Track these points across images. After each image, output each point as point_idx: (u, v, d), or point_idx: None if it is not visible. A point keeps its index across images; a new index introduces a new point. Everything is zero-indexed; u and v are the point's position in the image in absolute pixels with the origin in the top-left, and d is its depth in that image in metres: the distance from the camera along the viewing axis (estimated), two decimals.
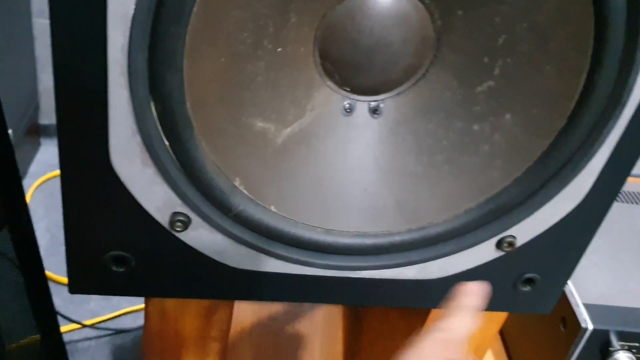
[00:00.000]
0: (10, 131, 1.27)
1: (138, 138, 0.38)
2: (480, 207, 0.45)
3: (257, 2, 0.36)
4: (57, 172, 1.32)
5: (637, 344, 0.58)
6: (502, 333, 0.74)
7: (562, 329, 0.60)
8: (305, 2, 0.39)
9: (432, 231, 0.46)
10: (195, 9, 0.34)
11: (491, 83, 0.42)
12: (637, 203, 0.77)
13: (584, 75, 0.39)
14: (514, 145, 0.43)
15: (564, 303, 0.60)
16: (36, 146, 1.57)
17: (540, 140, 0.42)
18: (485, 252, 0.48)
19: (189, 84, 0.37)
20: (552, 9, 0.38)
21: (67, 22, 0.34)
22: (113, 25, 0.34)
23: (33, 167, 1.51)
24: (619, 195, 0.78)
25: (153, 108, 0.37)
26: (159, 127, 0.38)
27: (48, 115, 1.33)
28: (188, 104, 0.37)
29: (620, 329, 0.58)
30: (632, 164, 0.45)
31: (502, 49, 0.40)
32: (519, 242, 0.47)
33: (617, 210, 0.74)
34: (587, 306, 0.59)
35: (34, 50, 1.38)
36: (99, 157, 0.39)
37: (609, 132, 0.42)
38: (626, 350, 0.58)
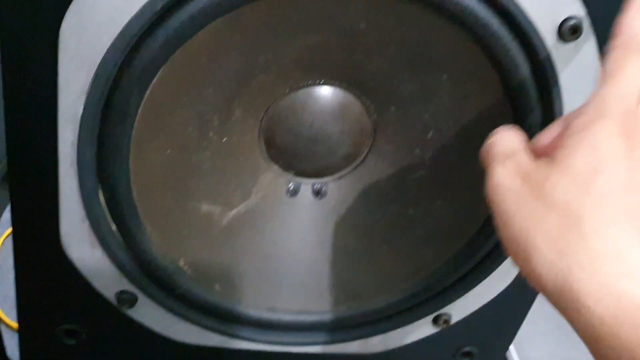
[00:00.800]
0: None
1: (87, 223, 0.41)
2: (415, 286, 0.47)
3: (201, 101, 0.39)
4: None
5: None
6: None
7: None
8: (249, 99, 0.42)
9: (372, 308, 0.48)
10: (140, 110, 0.37)
11: (422, 172, 0.45)
12: None
13: None
14: (444, 229, 0.46)
15: None
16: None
17: (469, 226, 0.45)
18: (423, 327, 0.50)
19: (134, 173, 0.39)
20: (474, 109, 0.41)
21: (20, 119, 0.37)
22: (63, 124, 0.37)
23: (5, 215, 1.52)
24: None
25: (101, 195, 0.40)
26: (107, 213, 0.40)
27: None
28: (134, 192, 0.40)
29: None
30: None
31: (431, 143, 0.44)
32: (455, 319, 0.50)
33: None
34: None
35: None
36: (50, 239, 0.41)
37: None
38: None
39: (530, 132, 0.40)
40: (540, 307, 0.57)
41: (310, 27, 0.38)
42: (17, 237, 0.42)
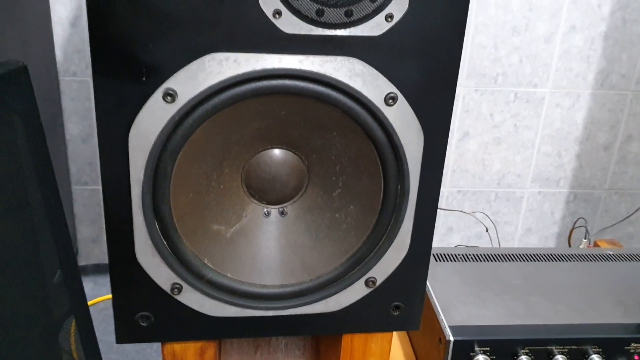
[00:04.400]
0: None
1: (150, 242, 0.73)
2: (347, 260, 0.77)
3: (204, 165, 0.72)
4: (91, 301, 1.64)
5: (488, 348, 0.88)
6: (415, 353, 1.03)
7: (440, 344, 0.90)
8: (231, 161, 0.74)
9: (324, 279, 0.78)
10: (173, 173, 0.69)
11: (339, 190, 0.76)
12: (499, 261, 1.09)
13: (382, 182, 0.74)
14: (358, 222, 0.76)
15: (439, 328, 0.90)
16: None
17: (371, 217, 0.76)
18: (360, 289, 0.80)
19: (174, 209, 0.71)
20: (356, 149, 0.73)
21: (111, 182, 0.70)
22: (133, 184, 0.70)
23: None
24: (493, 256, 1.10)
25: (156, 224, 0.72)
26: (160, 234, 0.72)
27: (85, 258, 1.71)
28: (174, 220, 0.72)
29: (476, 338, 0.87)
30: (430, 232, 0.78)
31: (339, 172, 0.75)
32: (379, 281, 0.79)
33: (486, 267, 1.05)
34: (452, 327, 0.89)
35: (73, 209, 1.77)
36: (129, 255, 0.73)
37: (405, 210, 0.75)
38: (482, 353, 0.88)
39: (389, 166, 0.72)
40: (462, 287, 0.87)
41: (257, 117, 0.71)
42: (112, 257, 0.74)
